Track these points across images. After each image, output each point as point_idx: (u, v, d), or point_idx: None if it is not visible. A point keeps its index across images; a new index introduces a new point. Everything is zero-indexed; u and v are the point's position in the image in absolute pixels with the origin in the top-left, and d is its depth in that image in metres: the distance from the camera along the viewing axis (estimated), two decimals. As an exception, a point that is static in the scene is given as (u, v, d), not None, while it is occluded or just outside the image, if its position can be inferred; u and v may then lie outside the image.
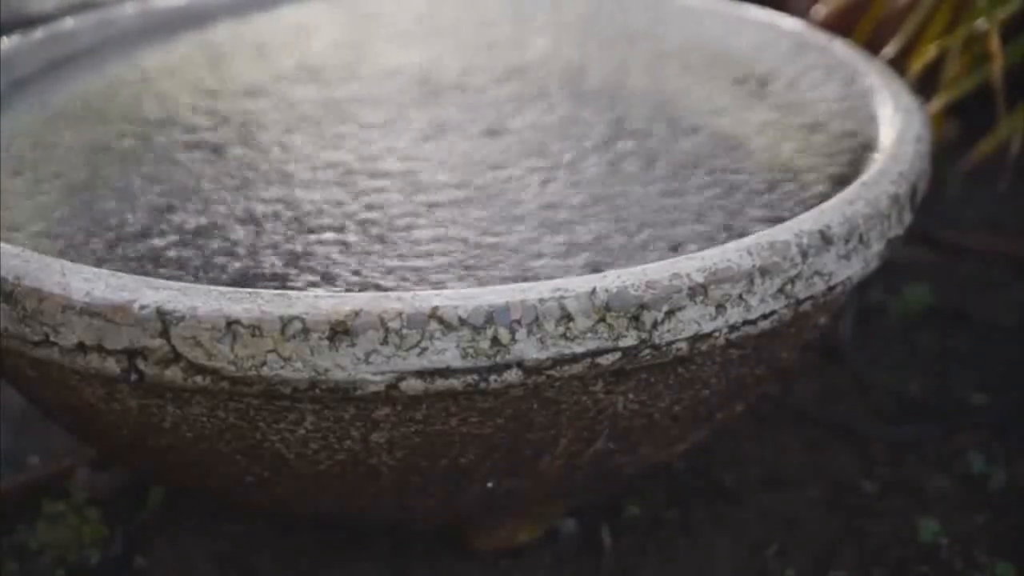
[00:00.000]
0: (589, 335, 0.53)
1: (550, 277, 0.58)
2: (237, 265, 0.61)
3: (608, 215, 0.65)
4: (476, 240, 0.63)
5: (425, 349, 0.51)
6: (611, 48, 0.88)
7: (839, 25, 0.97)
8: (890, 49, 0.92)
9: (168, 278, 0.55)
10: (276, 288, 0.56)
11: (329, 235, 0.64)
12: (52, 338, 0.54)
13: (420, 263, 0.61)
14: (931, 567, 0.71)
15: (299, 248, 0.63)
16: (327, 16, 0.96)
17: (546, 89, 0.81)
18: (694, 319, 0.54)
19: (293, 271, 0.61)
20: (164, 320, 0.52)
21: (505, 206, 0.66)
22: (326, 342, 0.51)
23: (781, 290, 0.57)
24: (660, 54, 0.86)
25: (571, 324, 0.52)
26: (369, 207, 0.66)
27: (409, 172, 0.70)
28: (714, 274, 0.54)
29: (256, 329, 0.51)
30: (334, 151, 0.73)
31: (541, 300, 0.52)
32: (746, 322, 0.56)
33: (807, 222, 0.58)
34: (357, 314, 0.51)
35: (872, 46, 0.90)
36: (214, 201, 0.68)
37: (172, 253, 0.62)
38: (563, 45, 0.88)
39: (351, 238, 0.63)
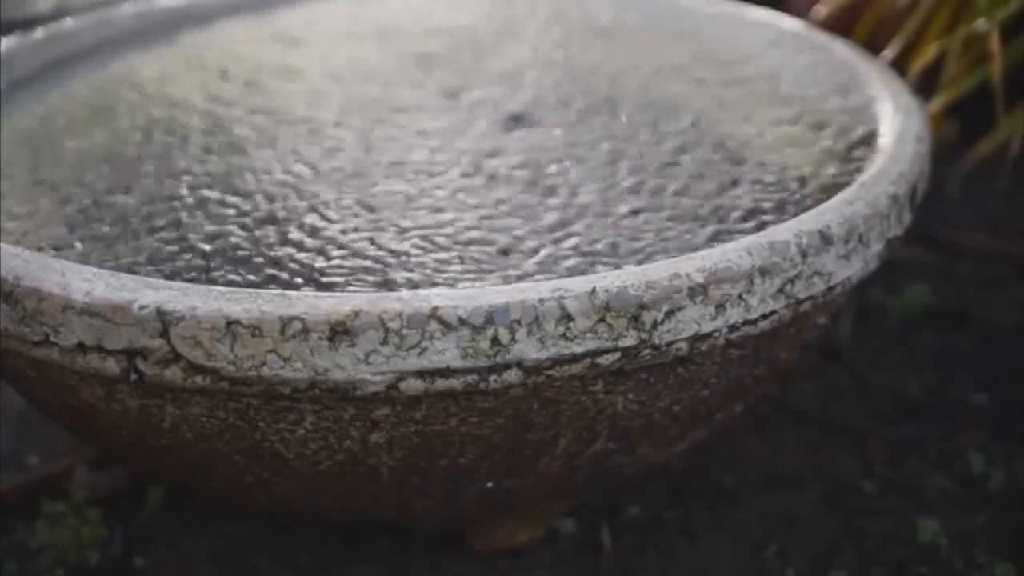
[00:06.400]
0: (589, 335, 0.53)
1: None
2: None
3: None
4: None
5: (425, 349, 0.51)
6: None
7: (839, 25, 0.97)
8: (890, 49, 0.92)
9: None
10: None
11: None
12: (52, 338, 0.54)
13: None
14: (931, 567, 0.71)
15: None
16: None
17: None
18: (694, 319, 0.54)
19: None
20: (164, 320, 0.52)
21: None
22: (326, 342, 0.51)
23: (781, 290, 0.57)
24: (660, 54, 0.87)
25: (571, 324, 0.52)
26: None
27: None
28: (714, 274, 0.54)
29: (256, 329, 0.51)
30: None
31: (541, 300, 0.52)
32: (746, 322, 0.56)
33: (807, 222, 0.58)
34: (357, 314, 0.51)
35: (872, 46, 0.90)
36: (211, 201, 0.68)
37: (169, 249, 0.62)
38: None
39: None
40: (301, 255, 0.61)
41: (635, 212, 0.65)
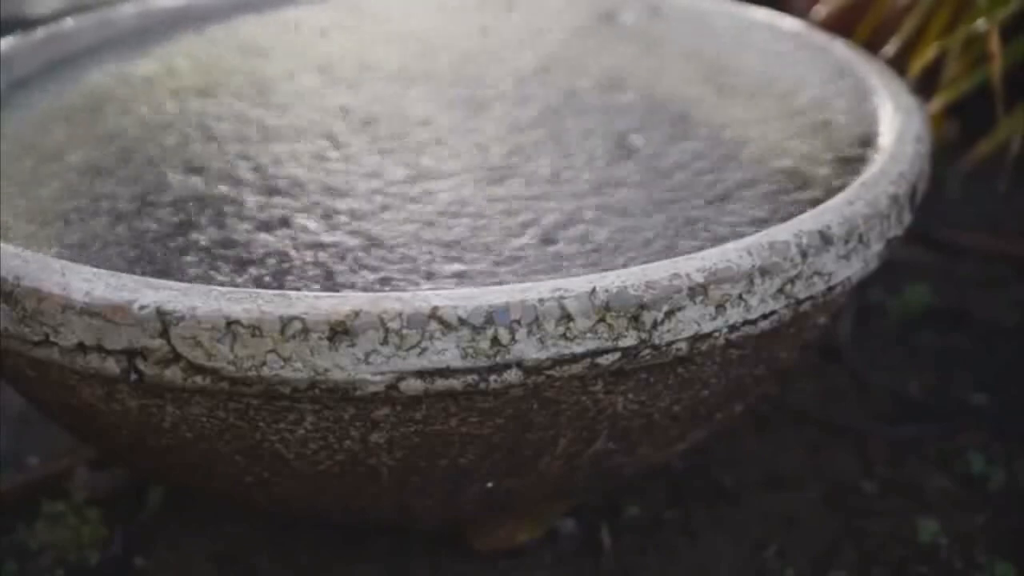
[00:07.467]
0: (589, 335, 0.53)
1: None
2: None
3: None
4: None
5: (425, 349, 0.51)
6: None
7: (839, 25, 0.97)
8: (890, 49, 0.92)
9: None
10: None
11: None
12: (52, 338, 0.54)
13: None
14: (931, 567, 0.71)
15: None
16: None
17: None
18: (694, 319, 0.54)
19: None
20: (164, 320, 0.52)
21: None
22: (326, 342, 0.51)
23: (781, 290, 0.57)
24: (655, 54, 0.87)
25: (571, 324, 0.52)
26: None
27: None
28: (714, 274, 0.54)
29: (256, 329, 0.51)
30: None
31: (541, 300, 0.52)
32: (746, 322, 0.56)
33: (807, 222, 0.58)
34: (357, 314, 0.51)
35: (872, 46, 0.90)
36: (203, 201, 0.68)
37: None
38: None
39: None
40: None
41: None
